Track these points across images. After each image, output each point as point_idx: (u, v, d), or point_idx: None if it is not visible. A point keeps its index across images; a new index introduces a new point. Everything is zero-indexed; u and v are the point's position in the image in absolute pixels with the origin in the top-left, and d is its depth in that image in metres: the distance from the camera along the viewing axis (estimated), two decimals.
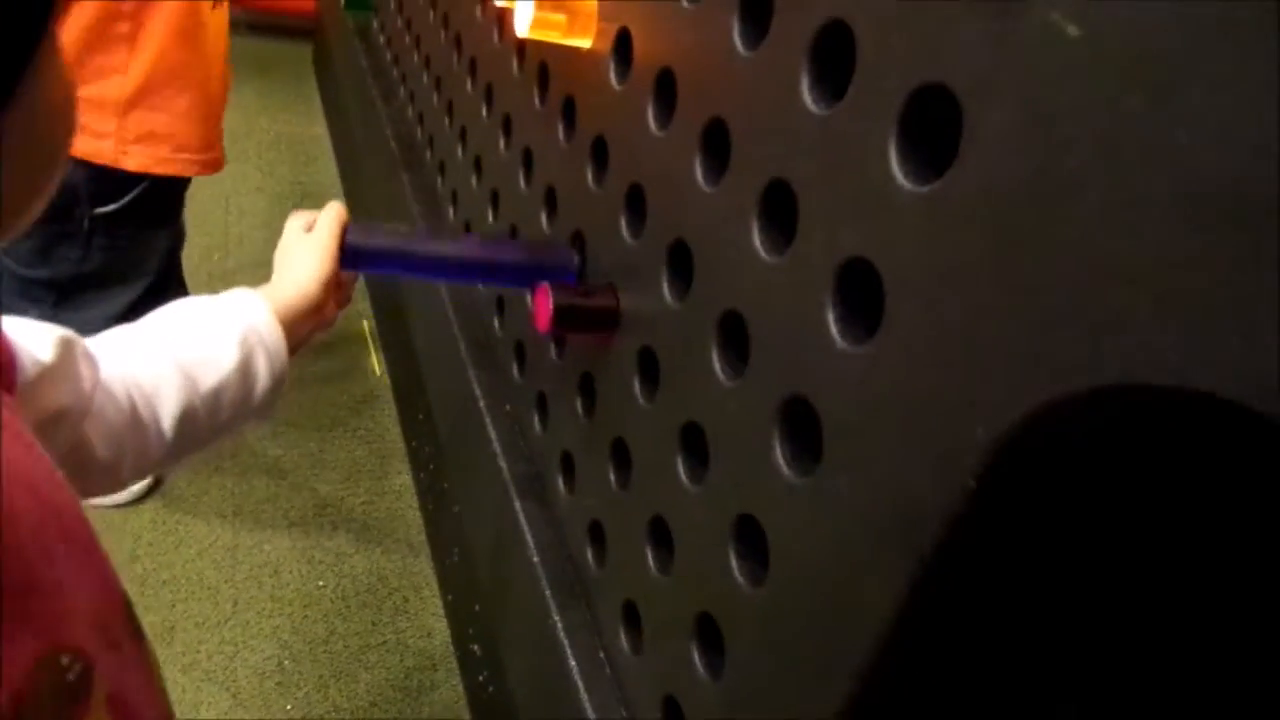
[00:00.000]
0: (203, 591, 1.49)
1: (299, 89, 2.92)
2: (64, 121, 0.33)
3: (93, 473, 0.56)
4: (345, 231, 0.74)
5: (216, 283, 2.01)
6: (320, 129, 2.74)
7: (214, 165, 1.44)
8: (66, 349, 0.52)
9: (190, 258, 1.85)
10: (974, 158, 0.36)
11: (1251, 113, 0.25)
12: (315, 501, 1.68)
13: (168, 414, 0.60)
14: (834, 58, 0.47)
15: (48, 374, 0.50)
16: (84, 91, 1.25)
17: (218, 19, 1.38)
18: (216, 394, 0.62)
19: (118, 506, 1.58)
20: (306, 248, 0.72)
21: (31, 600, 0.34)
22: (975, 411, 0.34)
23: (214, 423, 0.63)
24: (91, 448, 0.55)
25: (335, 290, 0.73)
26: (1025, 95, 0.33)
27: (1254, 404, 0.25)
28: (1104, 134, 0.30)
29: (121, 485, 0.60)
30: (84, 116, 1.26)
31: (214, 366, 0.62)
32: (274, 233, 0.75)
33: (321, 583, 1.54)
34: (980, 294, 0.36)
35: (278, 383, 0.67)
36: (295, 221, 0.75)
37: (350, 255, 0.74)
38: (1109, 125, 0.29)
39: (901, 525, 0.39)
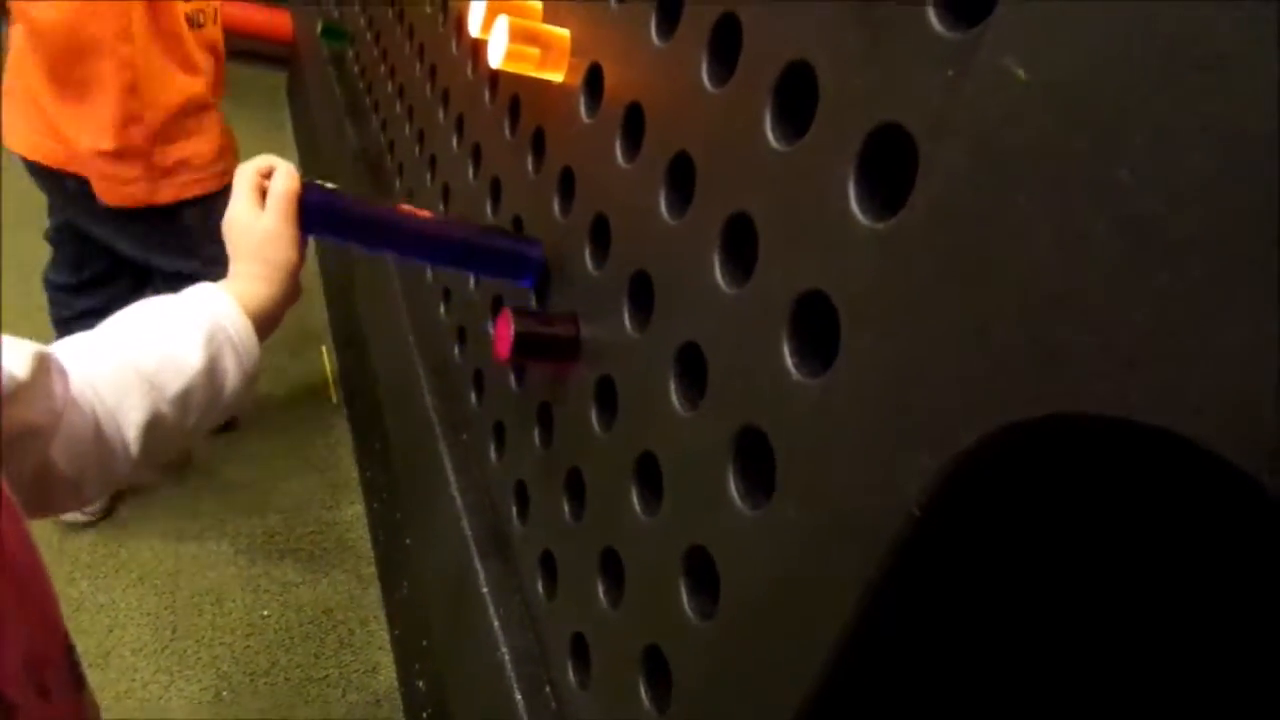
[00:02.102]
0: (142, 617, 1.45)
1: (272, 115, 2.92)
2: None
3: (56, 490, 0.54)
4: (303, 191, 0.68)
5: None
6: (290, 156, 2.73)
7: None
8: (41, 366, 0.50)
9: None
10: (928, 195, 0.37)
11: (1189, 154, 0.26)
12: (264, 529, 1.65)
13: (132, 424, 0.57)
14: (797, 96, 0.48)
15: (21, 391, 0.48)
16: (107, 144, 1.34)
17: (201, 36, 1.42)
18: (183, 398, 0.60)
19: (69, 523, 1.54)
20: (271, 233, 0.66)
21: None
22: (924, 440, 0.35)
23: (182, 427, 0.61)
24: (55, 465, 0.53)
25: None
26: (977, 136, 0.34)
27: (1188, 432, 0.26)
28: (1051, 173, 0.31)
29: (86, 501, 0.57)
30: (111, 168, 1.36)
31: (179, 370, 0.59)
32: None
33: (266, 613, 1.51)
34: (932, 326, 0.36)
35: (249, 378, 0.64)
36: (245, 183, 0.67)
37: (309, 219, 0.68)
38: (1056, 165, 0.30)
39: (851, 555, 0.40)
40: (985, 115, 0.34)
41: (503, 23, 0.74)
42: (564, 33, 0.76)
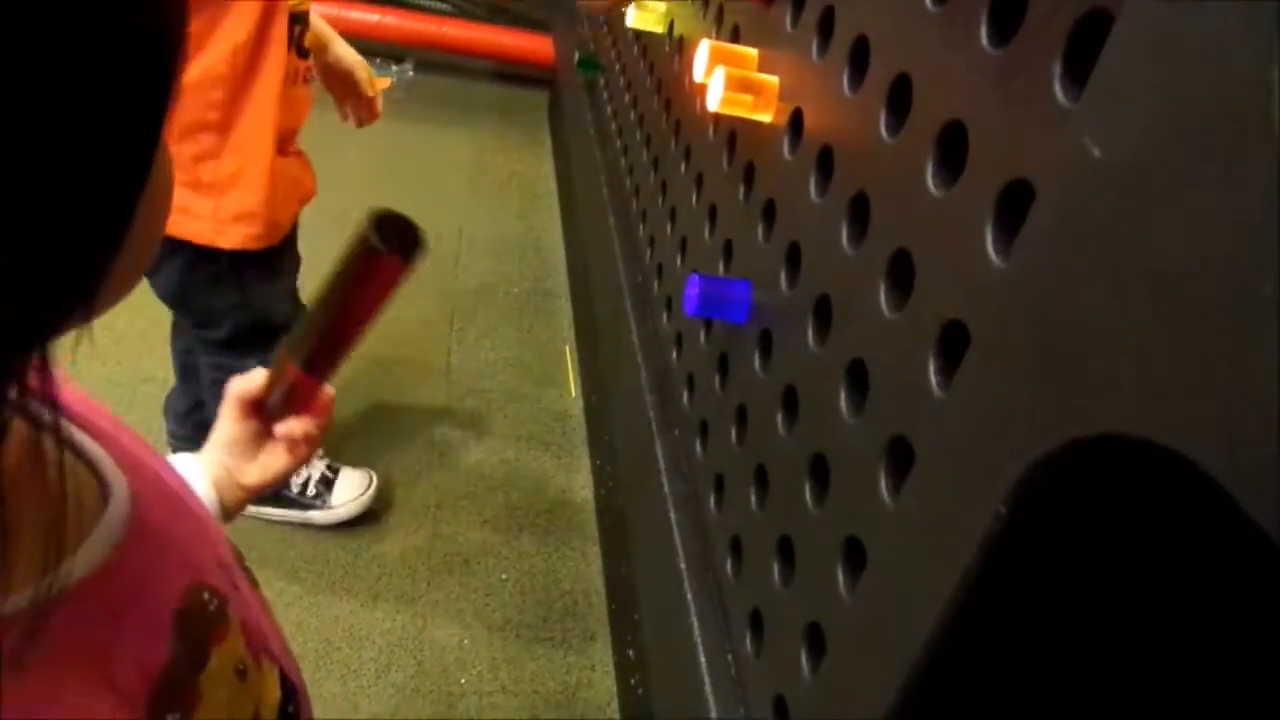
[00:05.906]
0: (404, 570, 1.69)
1: (534, 132, 3.21)
2: (168, 200, 0.35)
3: None
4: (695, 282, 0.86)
5: (446, 300, 2.26)
6: (548, 168, 3.00)
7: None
8: None
9: (423, 278, 2.06)
10: (1025, 249, 0.44)
11: (1208, 229, 0.33)
12: (507, 504, 1.86)
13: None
14: (952, 151, 0.56)
15: None
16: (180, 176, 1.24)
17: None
18: None
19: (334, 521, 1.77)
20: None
21: (165, 541, 0.44)
22: (1010, 450, 0.42)
23: None
24: None
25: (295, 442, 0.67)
26: (1062, 202, 0.41)
27: (1187, 451, 0.32)
28: (1106, 241, 0.37)
29: None
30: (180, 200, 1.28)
31: None
32: (498, 260, 0.88)
33: (504, 576, 1.71)
34: (1024, 357, 0.43)
35: None
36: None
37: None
38: (1112, 235, 0.37)
39: (956, 545, 0.47)
40: (1070, 185, 0.41)
41: (720, 73, 0.85)
42: (773, 80, 0.86)
